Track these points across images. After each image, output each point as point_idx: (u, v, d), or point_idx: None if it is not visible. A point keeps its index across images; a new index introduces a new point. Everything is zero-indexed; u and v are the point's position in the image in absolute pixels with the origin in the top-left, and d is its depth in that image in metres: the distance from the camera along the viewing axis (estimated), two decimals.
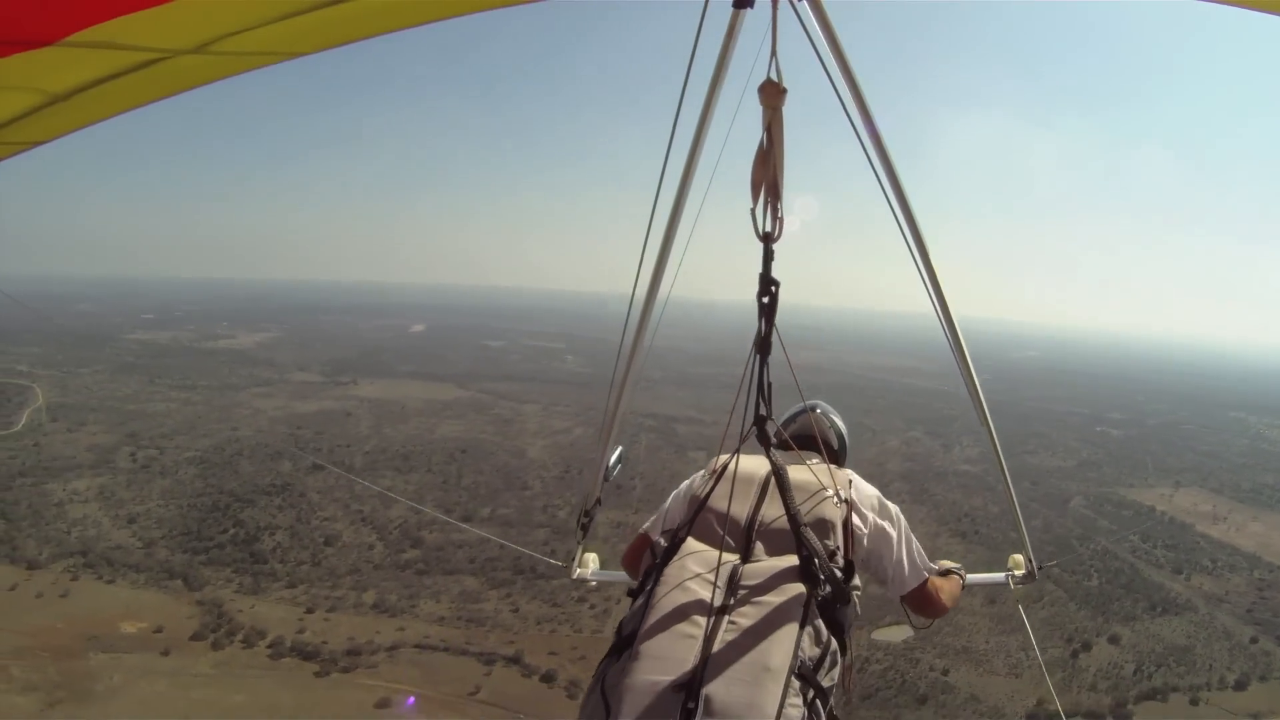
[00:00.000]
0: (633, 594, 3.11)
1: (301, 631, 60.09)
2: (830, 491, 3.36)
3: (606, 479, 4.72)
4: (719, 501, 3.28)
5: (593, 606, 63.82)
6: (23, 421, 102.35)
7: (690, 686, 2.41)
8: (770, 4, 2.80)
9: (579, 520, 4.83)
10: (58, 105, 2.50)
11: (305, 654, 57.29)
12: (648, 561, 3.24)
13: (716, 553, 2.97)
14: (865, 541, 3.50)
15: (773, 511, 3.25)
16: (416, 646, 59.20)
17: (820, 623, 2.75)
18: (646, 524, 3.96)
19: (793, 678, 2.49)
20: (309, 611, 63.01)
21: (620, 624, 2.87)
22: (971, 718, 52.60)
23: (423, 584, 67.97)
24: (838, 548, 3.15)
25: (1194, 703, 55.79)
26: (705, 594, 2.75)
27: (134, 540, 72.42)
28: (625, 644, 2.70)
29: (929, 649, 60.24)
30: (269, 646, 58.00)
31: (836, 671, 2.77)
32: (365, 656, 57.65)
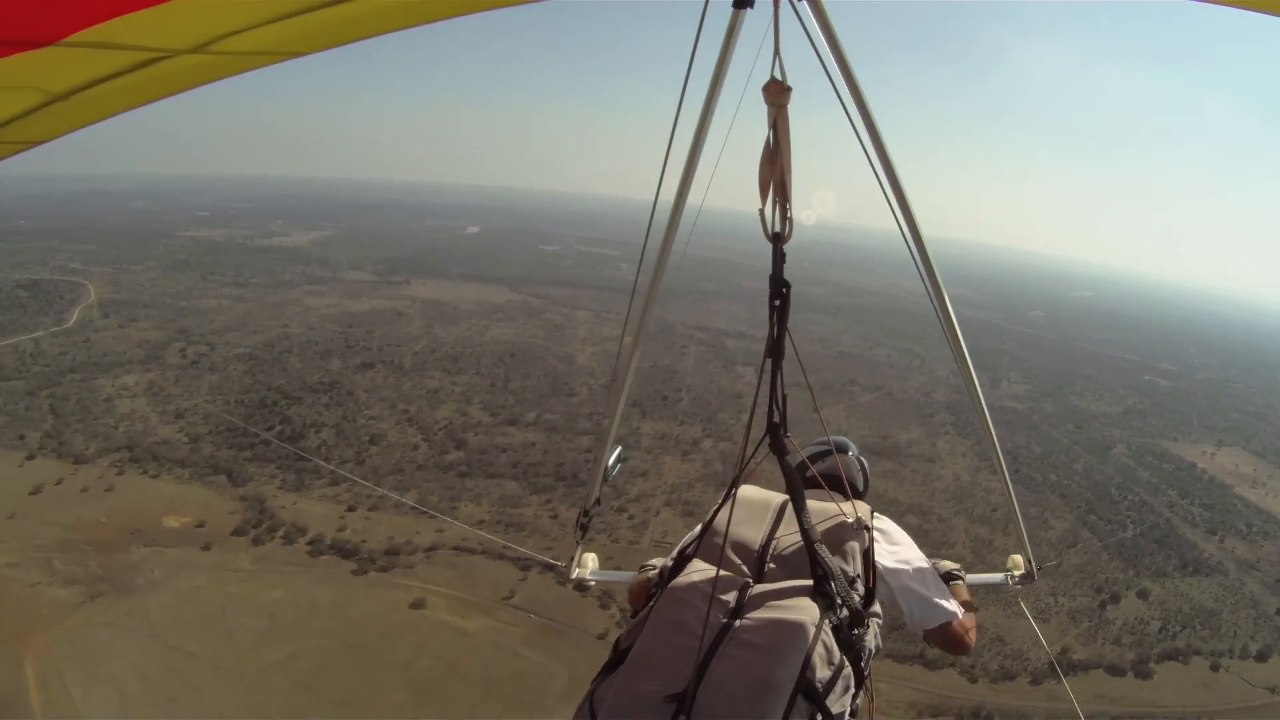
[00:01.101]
0: (635, 614, 3.16)
1: (342, 530, 61.89)
2: (851, 520, 3.33)
3: (606, 479, 4.73)
4: (731, 525, 3.20)
5: (631, 517, 65.24)
6: (74, 318, 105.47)
7: (684, 698, 2.37)
8: (771, 4, 2.80)
9: (578, 521, 4.86)
10: (57, 105, 2.51)
11: (344, 552, 59.18)
12: (653, 580, 3.32)
13: (725, 573, 2.92)
14: (887, 576, 3.44)
15: (789, 535, 3.21)
16: (454, 549, 60.39)
17: (833, 644, 2.68)
18: None
19: (798, 697, 2.43)
20: (350, 510, 64.56)
21: (617, 640, 2.84)
22: (996, 659, 52.93)
23: (464, 486, 69.53)
24: (857, 575, 3.12)
25: (1214, 668, 55.36)
26: (708, 610, 2.71)
27: (180, 435, 74.63)
28: (621, 659, 2.68)
29: None
30: (309, 544, 60.03)
31: (848, 699, 2.67)
32: (403, 557, 59.34)
